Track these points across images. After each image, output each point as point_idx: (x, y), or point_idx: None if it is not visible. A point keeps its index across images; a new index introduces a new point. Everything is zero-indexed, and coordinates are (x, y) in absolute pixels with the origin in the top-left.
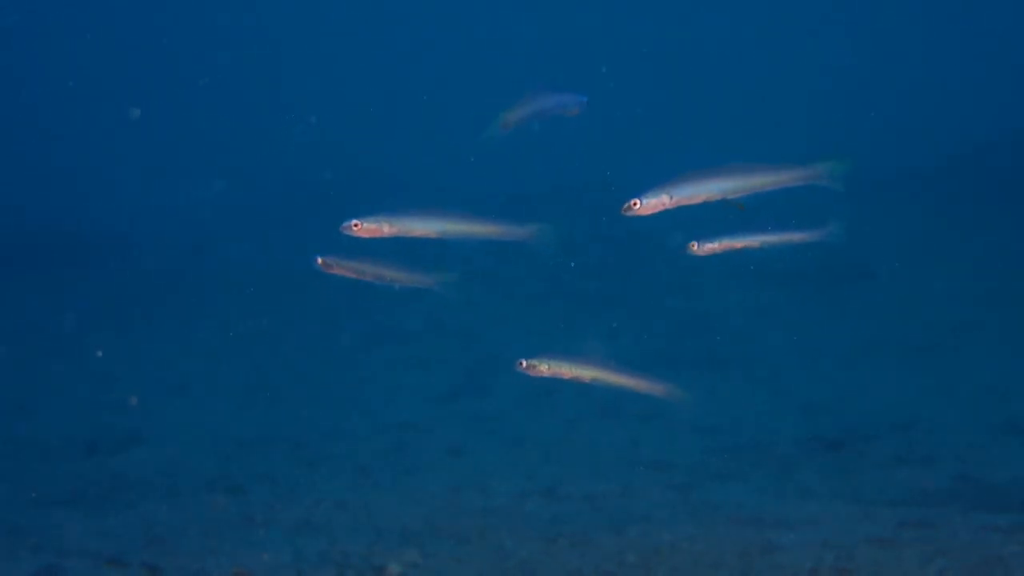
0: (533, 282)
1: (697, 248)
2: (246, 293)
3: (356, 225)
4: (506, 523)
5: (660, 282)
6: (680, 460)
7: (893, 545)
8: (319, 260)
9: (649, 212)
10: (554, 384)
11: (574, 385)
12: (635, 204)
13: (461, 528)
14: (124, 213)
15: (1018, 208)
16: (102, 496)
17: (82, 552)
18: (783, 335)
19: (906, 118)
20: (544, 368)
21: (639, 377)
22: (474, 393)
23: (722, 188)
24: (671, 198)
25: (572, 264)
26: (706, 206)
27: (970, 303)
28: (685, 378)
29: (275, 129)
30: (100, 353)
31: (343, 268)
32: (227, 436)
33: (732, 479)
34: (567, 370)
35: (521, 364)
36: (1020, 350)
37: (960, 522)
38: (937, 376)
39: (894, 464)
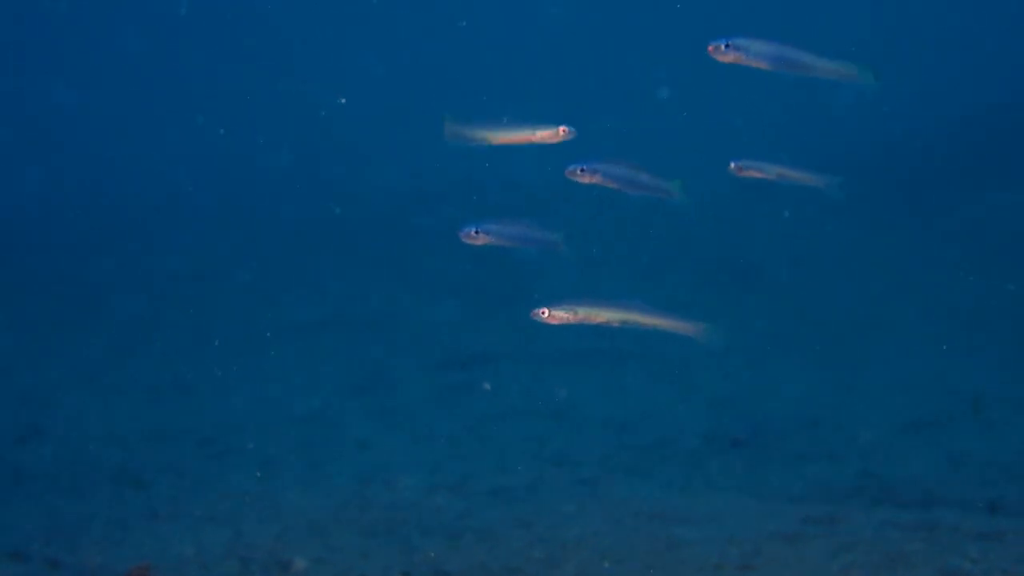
0: (440, 278)
1: (734, 167)
2: (154, 287)
3: None
4: (413, 517)
5: (562, 280)
6: (587, 456)
7: (798, 541)
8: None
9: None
10: (462, 379)
11: (483, 380)
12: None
13: (368, 522)
14: (29, 207)
15: (922, 209)
16: (3, 489)
17: None
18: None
19: (810, 119)
20: (572, 315)
21: (667, 317)
22: (382, 387)
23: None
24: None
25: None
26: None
27: (874, 302)
28: (596, 374)
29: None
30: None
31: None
32: (132, 429)
33: (639, 475)
34: (596, 315)
35: (544, 313)
36: (922, 349)
37: (864, 518)
38: (842, 374)
39: (799, 461)
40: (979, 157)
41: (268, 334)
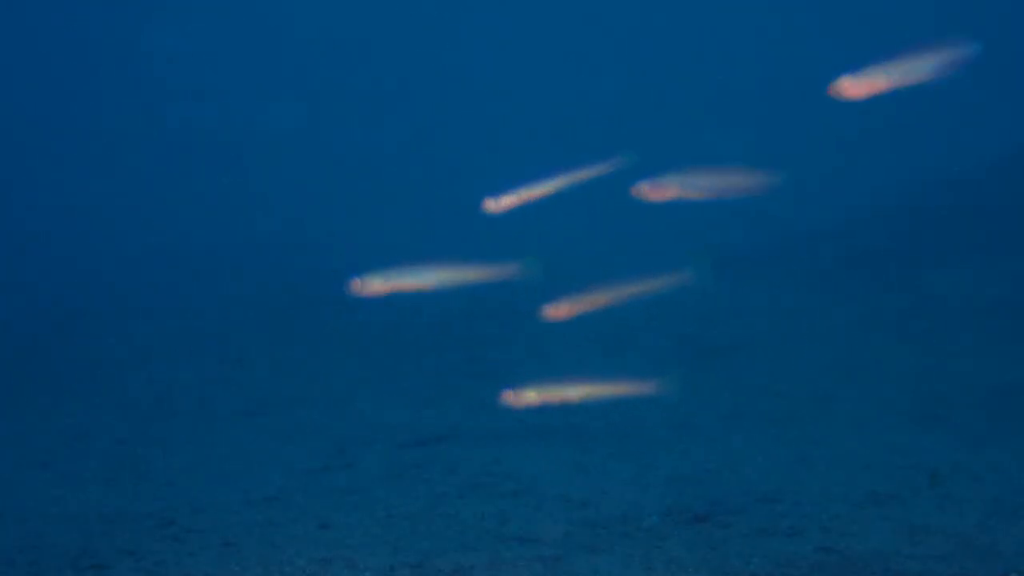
0: (398, 354)
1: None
2: (109, 370)
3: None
4: None
5: (517, 352)
6: (547, 533)
7: None
8: None
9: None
10: (423, 457)
11: (442, 459)
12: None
13: None
14: None
15: (880, 283)
16: None
17: None
18: (647, 407)
19: (768, 191)
20: (533, 396)
21: (624, 382)
22: (343, 465)
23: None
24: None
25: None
26: None
27: (831, 375)
28: (555, 450)
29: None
30: None
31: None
32: (91, 511)
33: (599, 552)
34: (557, 394)
35: (509, 395)
36: (878, 422)
37: None
38: (801, 448)
39: (759, 536)
40: (936, 231)
41: (226, 414)
